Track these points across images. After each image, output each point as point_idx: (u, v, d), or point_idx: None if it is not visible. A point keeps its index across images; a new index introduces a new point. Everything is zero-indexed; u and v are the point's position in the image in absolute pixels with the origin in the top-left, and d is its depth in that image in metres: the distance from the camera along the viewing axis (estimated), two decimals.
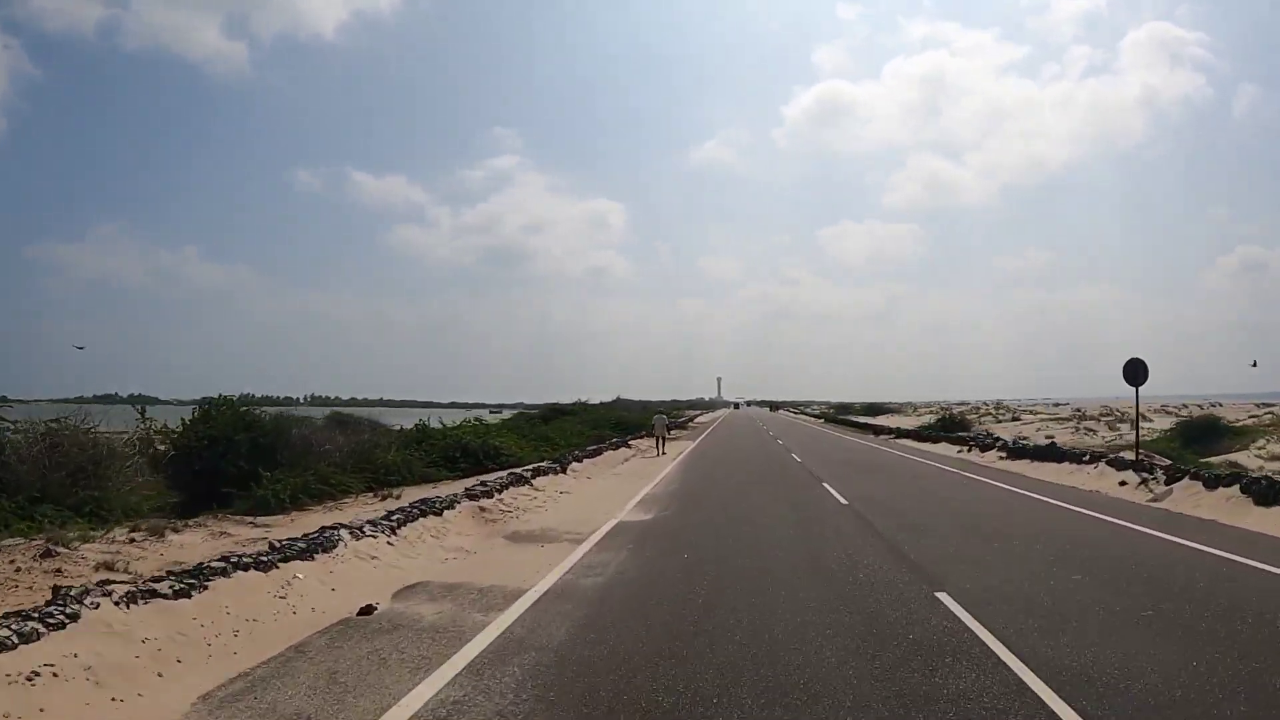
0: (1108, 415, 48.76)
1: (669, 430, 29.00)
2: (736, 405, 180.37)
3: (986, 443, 24.42)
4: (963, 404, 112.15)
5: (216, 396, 15.01)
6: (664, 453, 24.64)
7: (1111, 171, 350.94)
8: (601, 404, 58.49)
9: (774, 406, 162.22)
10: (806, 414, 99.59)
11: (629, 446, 26.26)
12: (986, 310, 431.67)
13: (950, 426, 38.22)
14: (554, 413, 44.56)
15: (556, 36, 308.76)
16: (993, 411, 58.07)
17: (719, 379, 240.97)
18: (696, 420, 69.01)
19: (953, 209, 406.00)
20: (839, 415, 72.57)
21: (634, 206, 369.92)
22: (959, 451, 24.89)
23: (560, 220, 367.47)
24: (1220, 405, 66.86)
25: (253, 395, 16.27)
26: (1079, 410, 57.75)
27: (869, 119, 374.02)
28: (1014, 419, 50.70)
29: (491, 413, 72.02)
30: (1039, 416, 52.63)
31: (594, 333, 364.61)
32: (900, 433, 37.71)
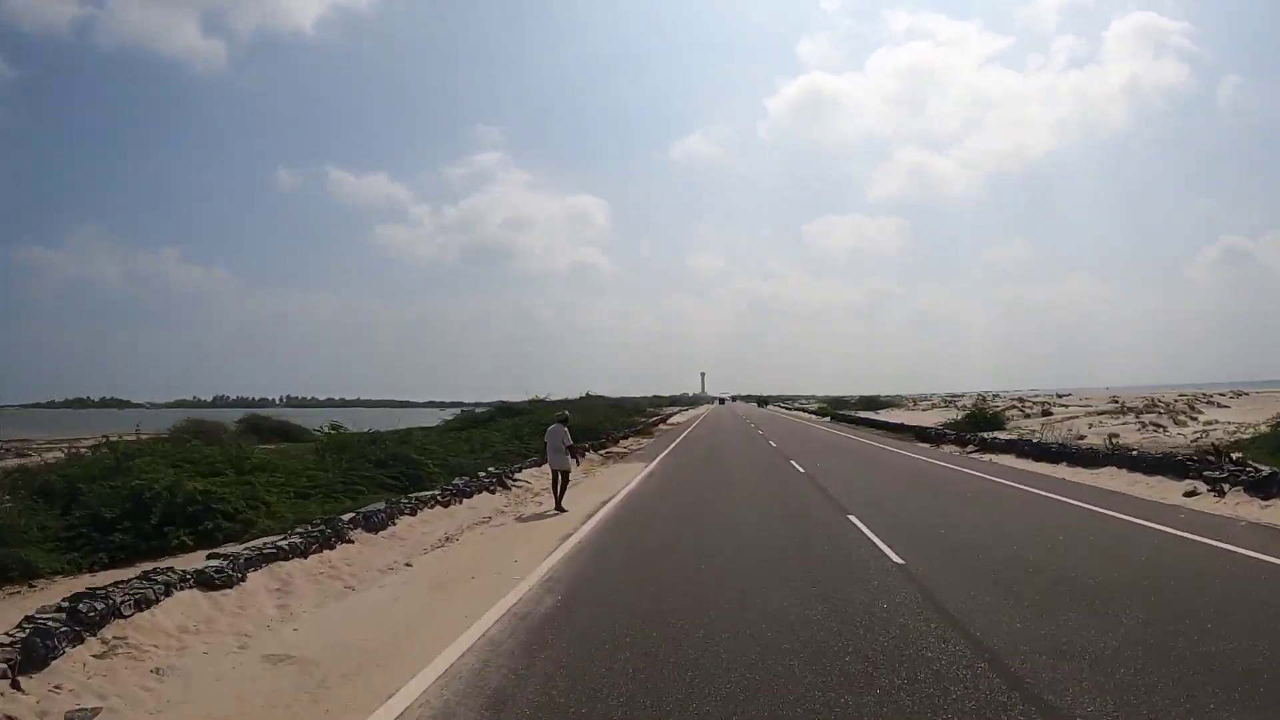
0: (1152, 408, 41.43)
1: (573, 453, 13.84)
2: (721, 400, 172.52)
3: (1243, 476, 11.38)
4: (954, 396, 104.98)
5: None
6: (562, 507, 12.36)
7: (1097, 162, 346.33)
8: (563, 401, 50.64)
9: (763, 401, 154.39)
10: (803, 410, 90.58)
11: (507, 487, 14.70)
12: (972, 302, 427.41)
13: (980, 424, 30.81)
14: (501, 413, 37.54)
15: (538, 32, 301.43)
16: (1018, 405, 50.28)
17: (702, 374, 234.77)
18: (670, 420, 55.65)
19: (937, 202, 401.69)
20: (839, 411, 64.57)
21: (617, 202, 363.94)
22: (1188, 496, 11.74)
23: (543, 217, 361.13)
24: (1248, 393, 59.92)
25: None
26: (1116, 400, 50.29)
27: (853, 112, 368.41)
28: (1045, 413, 42.94)
29: (463, 412, 64.50)
30: (1072, 410, 44.97)
31: (578, 328, 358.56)
32: (985, 443, 22.48)
